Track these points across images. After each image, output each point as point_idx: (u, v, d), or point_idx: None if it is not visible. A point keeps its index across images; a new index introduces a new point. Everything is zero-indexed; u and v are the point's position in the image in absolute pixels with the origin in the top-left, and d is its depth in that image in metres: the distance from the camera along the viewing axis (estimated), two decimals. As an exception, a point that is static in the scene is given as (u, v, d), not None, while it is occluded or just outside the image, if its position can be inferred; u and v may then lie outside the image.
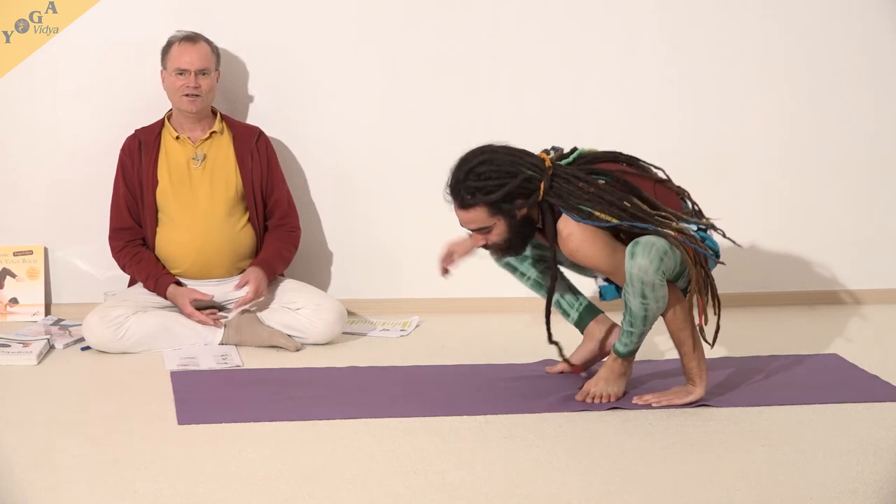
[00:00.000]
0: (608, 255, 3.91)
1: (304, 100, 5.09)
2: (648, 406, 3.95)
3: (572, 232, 3.88)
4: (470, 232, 3.98)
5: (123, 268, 4.78)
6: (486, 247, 3.97)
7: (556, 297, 4.26)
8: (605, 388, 4.00)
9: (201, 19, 4.90)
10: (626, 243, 3.92)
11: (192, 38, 4.73)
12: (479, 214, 3.85)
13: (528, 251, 4.22)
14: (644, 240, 3.84)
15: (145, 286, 4.70)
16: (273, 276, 4.76)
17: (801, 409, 3.93)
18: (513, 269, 4.30)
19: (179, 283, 4.70)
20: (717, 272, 5.33)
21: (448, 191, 3.88)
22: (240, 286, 4.67)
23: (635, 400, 3.99)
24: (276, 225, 4.86)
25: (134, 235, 4.76)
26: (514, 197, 3.84)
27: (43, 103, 4.99)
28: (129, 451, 3.51)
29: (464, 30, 5.13)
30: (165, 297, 4.67)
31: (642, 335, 3.95)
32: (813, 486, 3.28)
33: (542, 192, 3.86)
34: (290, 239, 4.87)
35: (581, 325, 4.32)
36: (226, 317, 4.67)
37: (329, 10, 5.07)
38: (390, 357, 4.52)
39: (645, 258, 3.80)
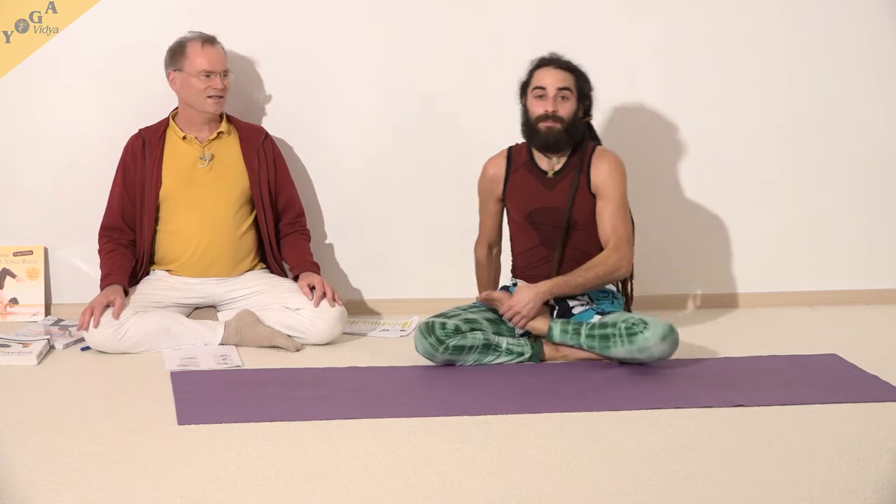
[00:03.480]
0: (625, 191, 4.50)
1: (305, 100, 5.09)
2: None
3: (613, 155, 4.56)
4: (549, 94, 4.47)
5: (100, 263, 4.74)
6: (551, 117, 4.47)
7: (501, 341, 4.44)
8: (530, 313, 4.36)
9: (201, 19, 4.90)
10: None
11: (212, 40, 4.73)
12: (570, 80, 4.51)
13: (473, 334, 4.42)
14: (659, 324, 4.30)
15: (100, 282, 4.67)
16: (319, 271, 4.81)
17: (801, 409, 3.93)
18: (458, 351, 4.38)
19: (126, 290, 4.62)
20: (716, 272, 5.36)
21: (547, 56, 4.56)
22: (311, 295, 4.66)
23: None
24: (289, 224, 4.87)
25: (121, 235, 4.75)
26: (589, 92, 4.57)
27: (43, 103, 4.99)
28: (129, 451, 3.51)
29: (468, 33, 5.13)
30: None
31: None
32: (813, 486, 3.28)
33: (591, 118, 4.62)
34: (307, 238, 4.91)
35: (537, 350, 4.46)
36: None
37: (334, 11, 5.07)
38: (390, 357, 4.52)
39: (659, 341, 4.26)
